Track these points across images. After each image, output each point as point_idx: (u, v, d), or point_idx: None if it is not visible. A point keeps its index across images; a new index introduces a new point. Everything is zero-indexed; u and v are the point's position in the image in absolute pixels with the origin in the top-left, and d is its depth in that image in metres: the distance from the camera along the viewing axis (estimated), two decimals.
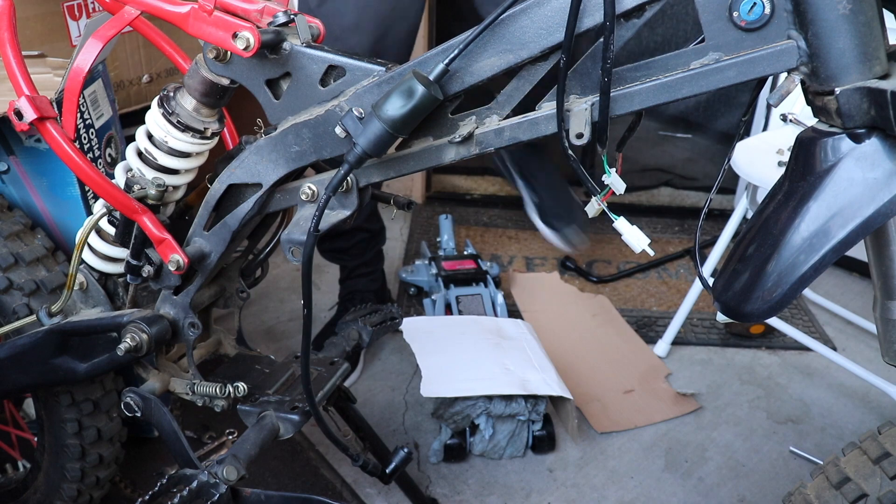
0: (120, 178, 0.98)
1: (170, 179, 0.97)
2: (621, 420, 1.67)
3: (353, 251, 1.83)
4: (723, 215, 2.51)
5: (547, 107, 0.77)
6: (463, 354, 1.59)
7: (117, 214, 0.98)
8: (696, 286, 1.83)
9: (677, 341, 1.90)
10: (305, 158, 0.89)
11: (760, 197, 1.62)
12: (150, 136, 0.95)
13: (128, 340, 0.97)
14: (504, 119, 0.80)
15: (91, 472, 1.25)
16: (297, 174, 0.94)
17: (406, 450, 1.26)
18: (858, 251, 0.74)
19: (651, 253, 0.80)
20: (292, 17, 0.85)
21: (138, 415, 1.03)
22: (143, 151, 0.96)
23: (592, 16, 0.72)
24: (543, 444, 1.56)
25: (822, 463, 0.81)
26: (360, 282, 1.88)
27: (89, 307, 1.07)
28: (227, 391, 1.03)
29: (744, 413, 1.71)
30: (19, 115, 0.89)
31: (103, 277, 1.07)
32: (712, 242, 1.84)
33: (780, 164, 1.60)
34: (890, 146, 0.65)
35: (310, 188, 0.91)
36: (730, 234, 1.77)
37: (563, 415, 1.62)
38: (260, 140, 0.90)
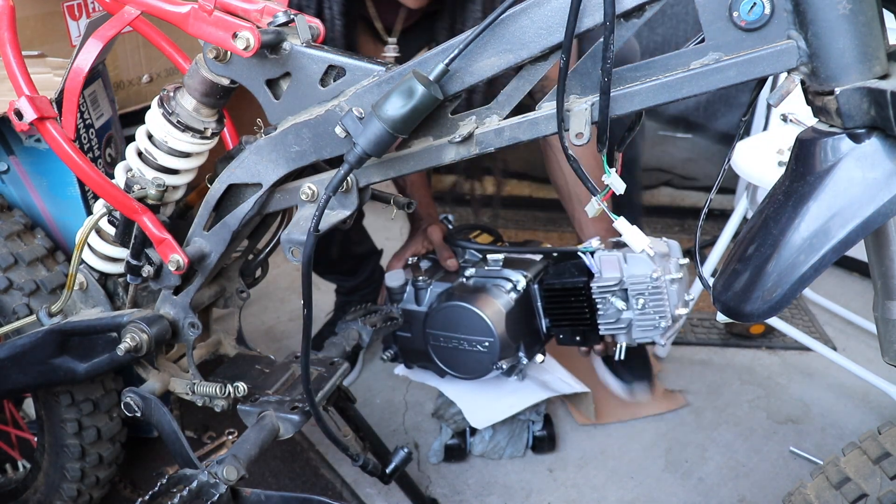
0: (120, 178, 0.98)
1: (170, 179, 0.97)
2: (606, 414, 1.68)
3: (349, 272, 1.84)
4: (723, 215, 2.50)
5: (547, 107, 0.77)
6: None
7: (117, 214, 0.98)
8: (696, 286, 1.83)
9: (677, 341, 1.90)
10: (305, 158, 0.89)
11: (760, 197, 1.62)
12: (150, 136, 0.95)
13: (128, 340, 0.97)
14: (504, 119, 0.80)
15: (91, 472, 1.25)
16: (297, 174, 0.94)
17: (406, 450, 1.26)
18: (858, 251, 0.74)
19: (651, 253, 0.80)
20: (292, 17, 0.85)
21: (138, 415, 1.03)
22: (143, 151, 0.96)
23: (592, 16, 0.72)
24: (543, 444, 1.56)
25: (822, 463, 0.81)
26: (357, 296, 1.89)
27: (89, 307, 1.07)
28: (227, 391, 1.03)
29: (744, 413, 1.71)
30: (19, 115, 0.89)
31: (103, 277, 1.07)
32: (712, 242, 1.84)
33: (780, 164, 1.59)
34: (890, 146, 0.65)
35: (310, 188, 0.91)
36: (730, 234, 1.77)
37: (582, 406, 1.65)
38: (260, 140, 0.90)
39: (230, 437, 1.13)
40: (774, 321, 1.77)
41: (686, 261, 1.34)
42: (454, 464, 1.54)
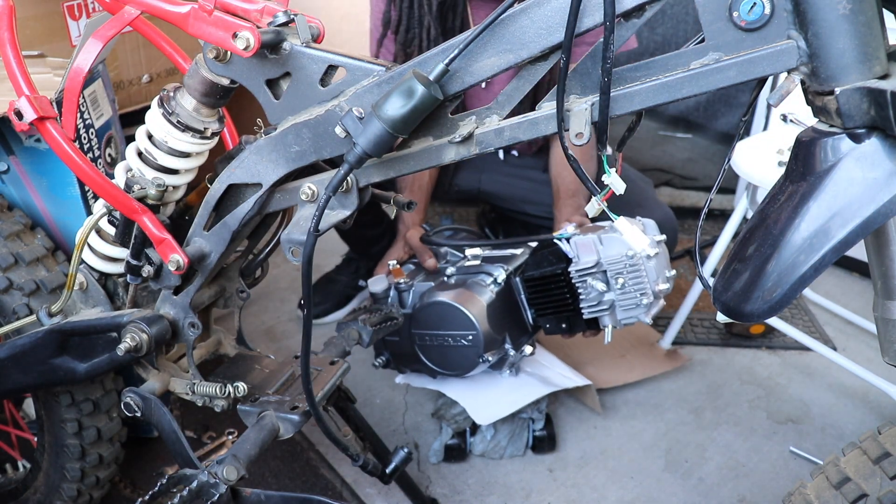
0: (120, 178, 0.98)
1: (170, 179, 0.97)
2: (613, 378, 1.71)
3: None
4: (723, 215, 2.51)
5: (547, 107, 0.77)
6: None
7: (117, 214, 0.98)
8: (696, 286, 1.83)
9: (677, 341, 1.90)
10: (305, 158, 0.89)
11: (760, 197, 1.62)
12: (150, 136, 0.95)
13: (128, 340, 0.97)
14: (504, 119, 0.80)
15: (91, 472, 1.25)
16: (297, 174, 0.94)
17: (406, 450, 1.26)
18: (858, 251, 0.74)
19: (652, 253, 0.80)
20: (292, 17, 0.85)
21: (138, 415, 1.03)
22: (143, 151, 0.96)
23: (592, 16, 0.72)
24: (543, 444, 1.56)
25: (822, 463, 0.81)
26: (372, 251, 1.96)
27: (89, 307, 1.07)
28: (227, 391, 1.03)
29: (744, 413, 1.71)
30: (19, 115, 0.89)
31: (103, 277, 1.07)
32: (712, 242, 1.84)
33: (780, 164, 1.59)
34: (890, 146, 0.65)
35: (310, 188, 0.91)
36: (730, 234, 1.77)
37: (587, 398, 1.68)
38: (260, 140, 0.90)
39: (230, 437, 1.13)
40: (774, 321, 1.77)
41: (663, 237, 1.35)
42: (454, 464, 1.54)
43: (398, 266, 1.50)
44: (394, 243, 1.68)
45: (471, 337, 1.37)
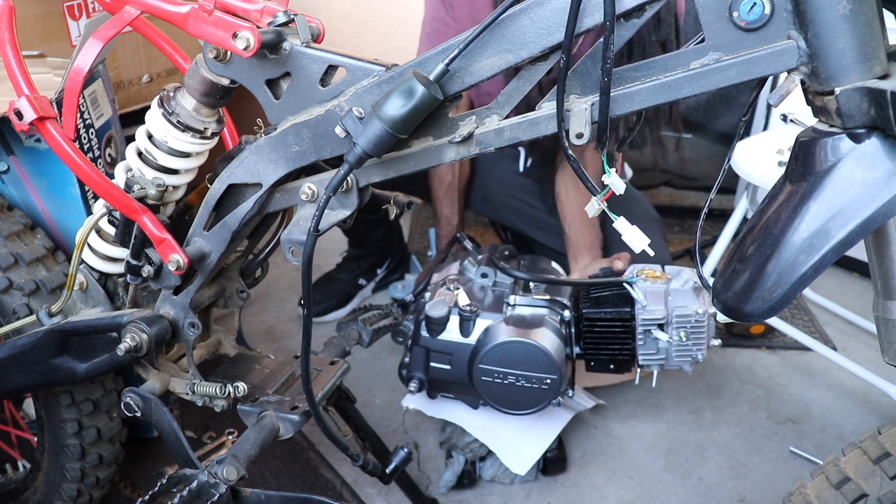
0: (120, 178, 0.98)
1: (170, 179, 0.97)
2: (608, 378, 1.71)
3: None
4: (723, 215, 2.50)
5: (547, 107, 0.78)
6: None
7: (117, 214, 0.98)
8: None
9: None
10: (305, 158, 0.89)
11: (760, 197, 1.62)
12: (150, 136, 0.95)
13: (128, 340, 0.97)
14: (504, 119, 0.80)
15: (91, 472, 1.25)
16: (297, 174, 0.94)
17: (406, 450, 1.26)
18: (858, 251, 0.74)
19: (651, 253, 0.80)
20: (292, 17, 0.85)
21: (138, 415, 1.03)
22: (143, 151, 0.96)
23: (592, 16, 0.72)
24: (555, 466, 1.53)
25: (822, 463, 0.81)
26: (369, 249, 2.04)
27: (89, 307, 1.07)
28: (227, 391, 1.03)
29: (744, 413, 1.71)
30: (19, 115, 0.89)
31: (103, 277, 1.07)
32: (712, 242, 1.84)
33: (780, 164, 1.60)
34: (890, 146, 0.65)
35: (310, 188, 0.91)
36: (730, 234, 1.77)
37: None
38: (260, 140, 0.90)
39: (230, 437, 1.13)
40: (774, 321, 1.77)
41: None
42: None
43: (459, 288, 1.39)
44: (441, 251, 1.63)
45: (549, 381, 1.30)
